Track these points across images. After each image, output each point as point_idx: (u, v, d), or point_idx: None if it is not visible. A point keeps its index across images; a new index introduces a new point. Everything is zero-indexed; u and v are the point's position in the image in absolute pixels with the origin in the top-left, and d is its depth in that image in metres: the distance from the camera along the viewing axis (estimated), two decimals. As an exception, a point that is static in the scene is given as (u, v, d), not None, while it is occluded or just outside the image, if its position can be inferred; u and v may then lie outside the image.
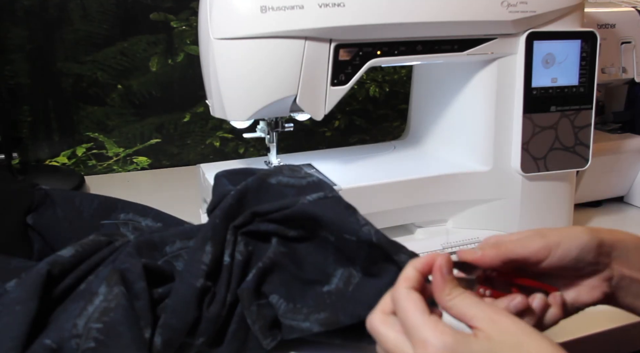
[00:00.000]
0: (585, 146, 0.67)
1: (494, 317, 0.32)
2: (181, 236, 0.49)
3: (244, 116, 0.58)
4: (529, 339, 0.31)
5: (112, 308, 0.40)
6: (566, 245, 0.38)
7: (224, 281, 0.45)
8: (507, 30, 0.63)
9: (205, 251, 0.45)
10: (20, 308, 0.40)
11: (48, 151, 0.97)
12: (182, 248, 0.48)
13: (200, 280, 0.44)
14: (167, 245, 0.48)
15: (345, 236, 0.44)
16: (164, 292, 0.44)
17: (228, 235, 0.47)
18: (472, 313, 0.33)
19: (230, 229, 0.47)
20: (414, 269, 0.35)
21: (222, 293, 0.45)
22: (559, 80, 0.65)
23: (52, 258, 0.44)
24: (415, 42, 0.62)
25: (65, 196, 0.57)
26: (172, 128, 1.02)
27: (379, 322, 0.34)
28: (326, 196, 0.46)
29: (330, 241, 0.46)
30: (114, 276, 0.42)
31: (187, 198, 0.82)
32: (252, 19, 0.54)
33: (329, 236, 0.46)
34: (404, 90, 1.12)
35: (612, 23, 0.75)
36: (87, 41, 0.94)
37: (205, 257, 0.45)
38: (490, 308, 0.33)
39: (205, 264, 0.44)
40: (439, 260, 0.35)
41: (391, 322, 0.34)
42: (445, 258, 0.35)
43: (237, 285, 0.45)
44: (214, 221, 0.47)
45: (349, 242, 0.44)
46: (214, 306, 0.44)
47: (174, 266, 0.47)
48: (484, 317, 0.32)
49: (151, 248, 0.47)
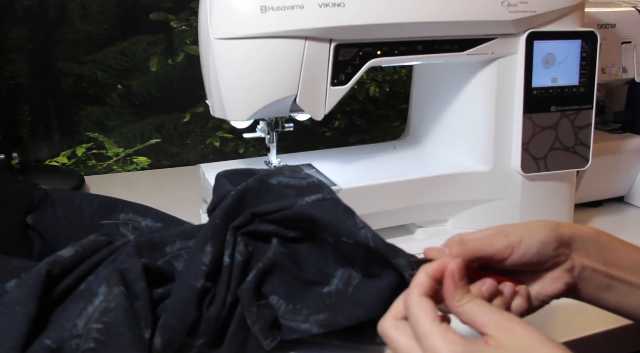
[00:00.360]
0: (586, 146, 0.67)
1: (505, 324, 0.32)
2: (181, 237, 0.49)
3: (244, 116, 0.58)
4: (541, 346, 0.31)
5: (112, 308, 0.40)
6: (527, 242, 0.40)
7: (224, 281, 0.45)
8: (507, 30, 0.63)
9: (205, 251, 0.45)
10: (20, 308, 0.40)
11: (48, 151, 0.97)
12: (182, 249, 0.48)
13: (200, 281, 0.43)
14: (167, 245, 0.48)
15: (343, 239, 0.44)
16: (164, 292, 0.44)
17: (228, 235, 0.47)
18: (483, 320, 0.33)
19: (230, 229, 0.47)
20: (426, 275, 0.36)
21: (222, 293, 0.44)
22: (559, 80, 0.65)
23: (52, 258, 0.44)
24: (416, 42, 0.62)
25: (65, 196, 0.57)
26: (172, 128, 1.02)
27: (390, 328, 0.35)
28: (324, 198, 0.46)
29: (329, 242, 0.46)
30: (114, 276, 0.42)
31: (187, 198, 0.82)
32: (252, 19, 0.54)
33: (328, 237, 0.46)
34: (404, 90, 1.12)
35: (613, 23, 0.75)
36: (87, 41, 0.94)
37: (205, 258, 0.45)
38: (501, 314, 0.34)
39: (205, 264, 0.44)
40: (450, 266, 0.35)
41: (402, 327, 0.35)
42: (458, 264, 0.36)
43: (237, 285, 0.45)
44: (214, 222, 0.47)
45: (347, 245, 0.44)
46: (213, 307, 0.44)
47: (174, 266, 0.47)
48: (495, 324, 0.33)
49: (151, 248, 0.47)
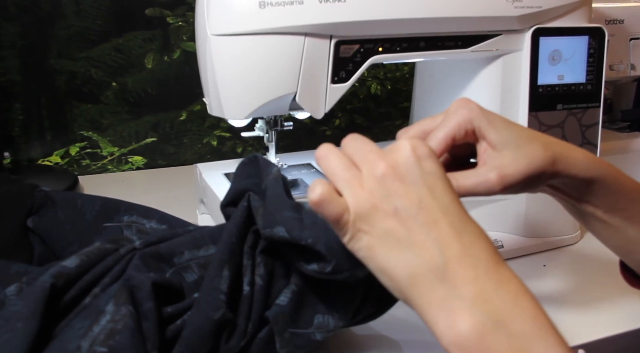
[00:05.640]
0: (593, 145, 0.66)
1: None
2: (189, 246, 0.47)
3: (242, 114, 0.58)
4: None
5: (118, 329, 0.39)
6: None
7: (244, 312, 0.43)
8: (512, 26, 0.62)
9: (223, 276, 0.43)
10: (21, 326, 0.38)
11: (40, 150, 0.96)
12: (191, 259, 0.46)
13: (219, 312, 0.42)
14: (175, 257, 0.46)
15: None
16: (173, 312, 0.42)
17: (245, 259, 0.44)
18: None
19: (246, 252, 0.45)
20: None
21: (243, 325, 0.43)
22: (565, 77, 0.64)
23: (57, 269, 0.43)
24: (418, 39, 0.61)
25: (67, 198, 0.56)
26: (168, 127, 1.01)
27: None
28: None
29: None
30: (123, 294, 0.41)
31: (183, 199, 0.81)
32: (251, 15, 0.53)
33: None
34: (406, 88, 1.11)
35: (621, 19, 0.74)
36: (81, 37, 0.93)
37: (223, 284, 0.42)
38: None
39: (224, 292, 0.42)
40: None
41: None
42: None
43: (260, 312, 0.44)
44: (230, 240, 0.44)
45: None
46: (233, 341, 0.42)
47: (183, 277, 0.45)
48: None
49: (158, 259, 0.45)
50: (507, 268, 0.33)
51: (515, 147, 0.39)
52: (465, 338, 0.30)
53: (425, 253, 0.32)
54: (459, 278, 0.32)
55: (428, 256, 0.32)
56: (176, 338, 0.42)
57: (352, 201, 0.34)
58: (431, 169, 0.34)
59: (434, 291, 0.32)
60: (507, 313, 0.31)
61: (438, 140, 0.40)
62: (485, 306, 0.31)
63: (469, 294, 0.31)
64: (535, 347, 0.30)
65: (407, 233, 0.33)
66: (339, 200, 0.34)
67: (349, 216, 0.34)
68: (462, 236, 0.33)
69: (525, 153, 0.39)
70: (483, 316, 0.31)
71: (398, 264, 0.33)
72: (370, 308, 0.46)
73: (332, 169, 0.36)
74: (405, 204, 0.33)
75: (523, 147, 0.39)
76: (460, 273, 0.32)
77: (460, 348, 0.31)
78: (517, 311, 0.31)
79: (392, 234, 0.33)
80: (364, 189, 0.34)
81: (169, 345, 0.41)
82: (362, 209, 0.34)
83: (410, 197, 0.33)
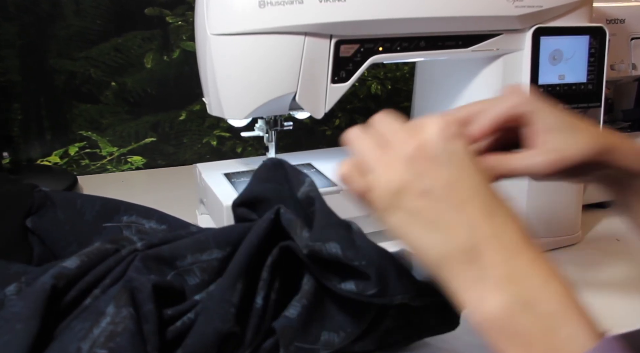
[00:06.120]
0: (594, 145, 0.66)
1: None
2: (192, 250, 0.46)
3: (241, 114, 0.57)
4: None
5: (118, 332, 0.38)
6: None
7: (254, 325, 0.43)
8: (513, 25, 0.62)
9: (236, 289, 0.42)
10: (21, 327, 0.38)
11: (40, 150, 0.96)
12: (194, 263, 0.45)
13: (228, 325, 0.41)
14: (178, 260, 0.46)
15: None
16: (174, 314, 0.42)
17: (264, 272, 0.44)
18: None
19: (267, 267, 0.44)
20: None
21: (250, 336, 0.43)
22: (566, 77, 0.64)
23: (57, 270, 0.43)
24: (419, 38, 0.61)
25: (66, 198, 0.55)
26: (168, 127, 1.01)
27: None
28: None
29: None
30: (123, 296, 0.41)
31: (183, 199, 0.81)
32: (250, 14, 0.53)
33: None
34: (406, 87, 1.11)
35: (622, 18, 0.74)
36: (80, 37, 0.93)
37: (235, 297, 0.42)
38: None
39: (235, 306, 0.42)
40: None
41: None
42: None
43: (269, 324, 0.43)
44: (249, 252, 0.43)
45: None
46: (238, 352, 0.42)
47: (185, 280, 0.45)
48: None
49: (160, 262, 0.45)
50: (538, 250, 0.33)
51: (568, 132, 0.39)
52: (494, 317, 0.31)
53: (455, 234, 0.33)
54: (489, 260, 0.32)
55: (458, 237, 0.33)
56: (176, 340, 0.41)
57: (383, 180, 0.35)
58: (460, 150, 0.35)
59: (464, 272, 0.32)
60: (536, 294, 0.31)
61: (488, 119, 0.40)
62: (515, 287, 0.31)
63: (499, 275, 0.32)
64: (564, 328, 0.30)
65: (437, 214, 0.33)
66: (366, 178, 0.35)
67: (378, 193, 0.35)
68: (493, 217, 0.33)
69: (577, 139, 0.39)
70: (513, 296, 0.31)
71: (429, 244, 0.33)
72: (398, 334, 0.45)
73: (363, 149, 0.36)
74: (435, 185, 0.33)
75: (575, 133, 0.40)
76: (490, 254, 0.32)
77: (490, 326, 0.31)
78: (546, 292, 0.31)
79: (422, 214, 0.33)
80: (394, 168, 0.35)
81: (169, 347, 0.41)
82: (391, 189, 0.34)
83: (440, 178, 0.34)
